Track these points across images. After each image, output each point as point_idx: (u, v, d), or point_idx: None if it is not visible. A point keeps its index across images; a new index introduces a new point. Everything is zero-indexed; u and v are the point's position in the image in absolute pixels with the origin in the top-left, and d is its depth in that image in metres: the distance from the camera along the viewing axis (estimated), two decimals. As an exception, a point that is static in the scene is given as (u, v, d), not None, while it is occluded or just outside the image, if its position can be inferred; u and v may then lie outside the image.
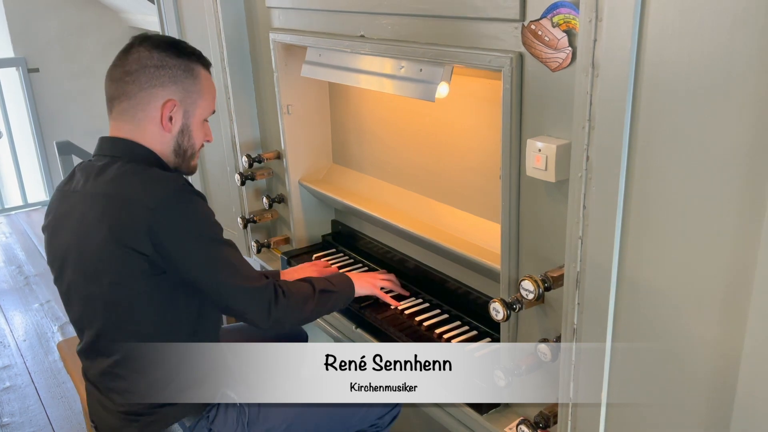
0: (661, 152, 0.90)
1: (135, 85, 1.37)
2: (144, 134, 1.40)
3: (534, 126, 1.18)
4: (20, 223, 4.80)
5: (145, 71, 1.37)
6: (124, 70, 1.38)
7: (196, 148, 1.49)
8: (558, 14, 1.08)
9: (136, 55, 1.38)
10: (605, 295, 1.02)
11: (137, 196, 1.31)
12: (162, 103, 1.39)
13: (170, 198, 1.31)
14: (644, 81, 0.89)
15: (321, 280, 1.60)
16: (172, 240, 1.31)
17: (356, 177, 2.02)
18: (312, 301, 1.52)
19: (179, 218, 1.32)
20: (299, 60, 1.86)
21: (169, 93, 1.40)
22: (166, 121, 1.40)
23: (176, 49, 1.42)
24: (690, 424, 0.97)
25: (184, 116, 1.43)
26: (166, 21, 2.32)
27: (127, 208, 1.31)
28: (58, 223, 1.42)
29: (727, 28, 0.79)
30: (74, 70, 5.00)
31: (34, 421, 2.69)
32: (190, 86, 1.43)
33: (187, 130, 1.45)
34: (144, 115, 1.39)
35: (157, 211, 1.29)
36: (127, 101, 1.38)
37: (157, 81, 1.38)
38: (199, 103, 1.45)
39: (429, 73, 1.41)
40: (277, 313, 1.43)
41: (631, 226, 0.96)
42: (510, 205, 1.25)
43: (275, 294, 1.44)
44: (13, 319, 3.49)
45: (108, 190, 1.33)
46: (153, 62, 1.38)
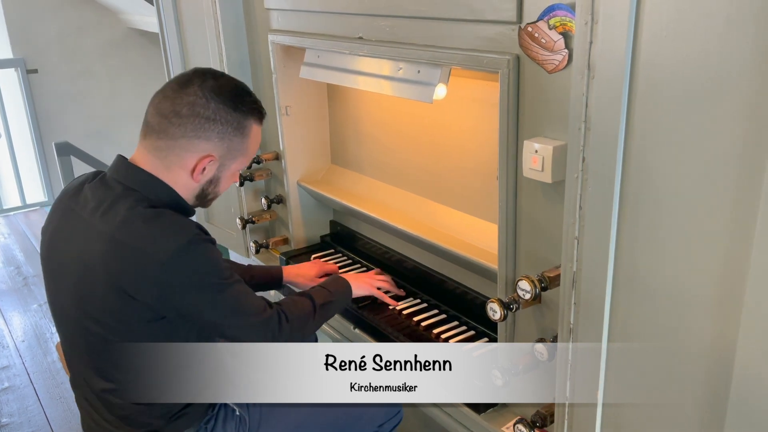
0: (656, 153, 0.90)
1: (180, 129, 1.30)
2: (170, 175, 1.34)
3: (531, 127, 1.19)
4: (19, 224, 4.80)
5: (196, 120, 1.30)
6: (174, 110, 1.29)
7: (219, 194, 1.45)
8: (554, 16, 1.08)
9: (192, 97, 1.30)
10: (601, 294, 1.02)
11: (147, 247, 1.24)
12: (201, 156, 1.33)
13: (182, 251, 1.25)
14: (639, 83, 0.90)
15: (320, 291, 1.58)
16: (181, 293, 1.28)
17: (355, 178, 2.03)
18: (313, 319, 1.52)
19: (190, 271, 1.27)
20: (298, 61, 1.87)
21: (212, 148, 1.33)
22: (198, 173, 1.35)
23: (235, 101, 1.34)
24: (686, 423, 0.97)
25: (218, 169, 1.38)
26: (165, 22, 2.32)
27: (135, 258, 1.25)
28: (58, 239, 1.37)
29: (721, 30, 0.79)
30: (73, 71, 5.00)
31: (32, 421, 2.69)
32: (237, 144, 1.37)
33: (216, 181, 1.40)
34: (177, 160, 1.33)
35: (168, 265, 1.24)
36: (165, 141, 1.31)
37: (203, 134, 1.31)
38: (238, 159, 1.40)
39: (427, 75, 1.41)
40: (280, 340, 1.42)
41: (627, 226, 0.97)
42: (507, 205, 1.26)
43: (279, 324, 1.42)
44: (12, 319, 3.49)
45: (116, 233, 1.26)
46: (207, 113, 1.30)
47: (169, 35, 2.33)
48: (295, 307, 1.49)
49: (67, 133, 4.82)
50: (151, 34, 4.91)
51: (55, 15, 4.83)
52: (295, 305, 1.50)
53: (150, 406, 1.38)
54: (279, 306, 1.46)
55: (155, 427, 1.39)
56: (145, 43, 5.16)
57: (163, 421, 1.39)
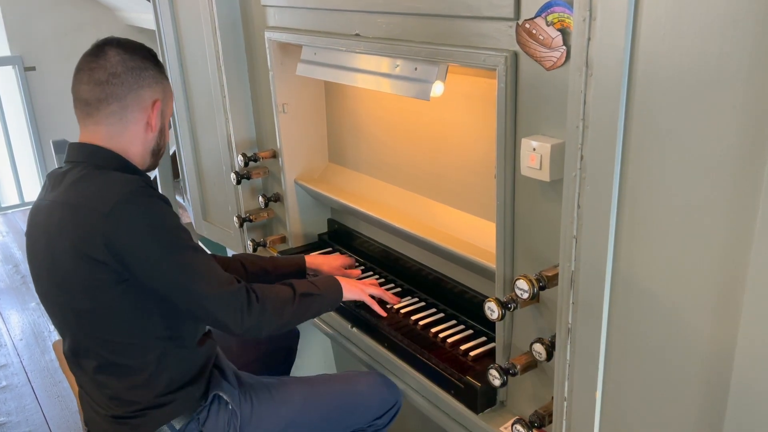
0: (655, 151, 0.90)
1: (123, 87, 1.36)
2: (126, 137, 1.39)
3: (529, 125, 1.18)
4: (17, 222, 4.79)
5: (132, 73, 1.37)
6: (109, 73, 1.36)
7: (165, 145, 1.50)
8: (552, 13, 1.07)
9: (116, 57, 1.37)
10: (599, 294, 1.02)
11: (91, 202, 1.28)
12: (150, 103, 1.40)
13: (125, 201, 1.27)
14: (638, 80, 0.89)
15: (304, 283, 1.56)
16: (128, 246, 1.27)
17: (352, 176, 2.02)
18: (291, 306, 1.46)
19: (134, 222, 1.27)
20: (295, 59, 1.86)
21: (154, 93, 1.41)
22: (154, 121, 1.41)
23: (145, 49, 1.44)
24: (684, 422, 0.97)
25: (162, 116, 1.45)
26: (161, 19, 2.31)
27: (82, 216, 1.28)
28: (32, 233, 1.41)
29: (720, 27, 0.78)
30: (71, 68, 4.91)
31: (30, 420, 2.68)
32: (167, 85, 1.46)
33: (163, 130, 1.46)
34: (132, 117, 1.38)
35: (111, 216, 1.25)
36: (116, 103, 1.36)
37: (143, 81, 1.39)
38: (168, 104, 1.48)
39: (424, 72, 1.40)
40: (250, 319, 1.37)
41: (625, 225, 0.96)
42: (505, 204, 1.25)
43: (248, 299, 1.37)
44: (10, 318, 3.48)
45: (66, 198, 1.32)
46: (136, 63, 1.38)
47: (166, 32, 2.32)
48: (270, 290, 1.45)
49: (65, 130, 4.79)
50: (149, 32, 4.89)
51: (52, 12, 4.81)
52: (270, 289, 1.46)
53: (135, 380, 1.38)
54: (250, 285, 1.42)
55: (143, 406, 1.40)
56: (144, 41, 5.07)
57: (151, 400, 1.39)
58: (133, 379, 1.39)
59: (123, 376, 1.39)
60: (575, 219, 1.02)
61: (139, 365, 1.38)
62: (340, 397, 1.61)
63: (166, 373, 1.41)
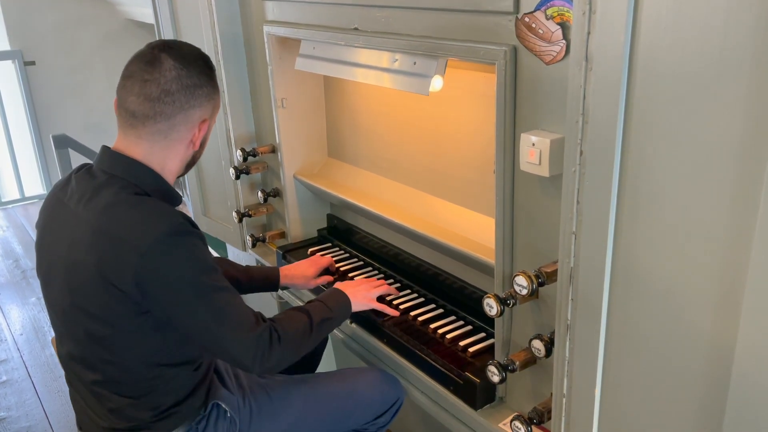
0: (655, 146, 0.89)
1: (174, 106, 1.31)
2: (167, 153, 1.34)
3: (528, 120, 1.17)
4: (17, 217, 4.80)
5: (187, 92, 1.31)
6: (162, 90, 1.29)
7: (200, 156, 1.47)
8: (552, 6, 1.06)
9: (173, 72, 1.30)
10: (599, 290, 1.01)
11: (128, 235, 1.22)
12: (198, 123, 1.36)
13: (163, 241, 1.22)
14: (638, 74, 0.88)
15: (318, 306, 1.50)
16: (160, 288, 1.24)
17: (351, 171, 2.01)
18: (308, 339, 1.42)
19: (170, 265, 1.23)
20: (293, 53, 1.85)
21: (204, 112, 1.37)
22: (198, 140, 1.38)
23: (205, 60, 1.38)
24: (684, 418, 0.96)
25: (208, 130, 1.41)
26: (160, 14, 2.30)
27: (115, 247, 1.23)
28: (48, 231, 1.37)
29: (721, 21, 0.78)
30: (71, 63, 4.97)
31: (30, 415, 2.69)
32: (217, 100, 1.41)
33: (204, 142, 1.42)
34: (178, 135, 1.34)
35: (147, 255, 1.21)
36: (164, 122, 1.31)
37: (195, 101, 1.33)
38: (214, 119, 1.43)
39: (423, 66, 1.39)
40: (269, 362, 1.33)
41: (625, 220, 0.95)
42: (504, 199, 1.24)
43: (269, 342, 1.33)
44: (10, 313, 3.49)
45: (99, 223, 1.25)
46: (192, 81, 1.32)
47: (164, 27, 2.31)
48: (290, 324, 1.40)
49: (65, 125, 4.80)
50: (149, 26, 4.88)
51: (52, 6, 4.80)
52: (290, 322, 1.41)
53: (137, 400, 1.36)
54: (273, 323, 1.37)
55: (143, 422, 1.38)
56: (144, 35, 5.13)
57: (151, 416, 1.38)
58: (137, 399, 1.36)
59: (125, 394, 1.36)
60: (575, 215, 1.01)
61: (145, 388, 1.35)
62: (340, 398, 1.60)
63: (173, 394, 1.39)
